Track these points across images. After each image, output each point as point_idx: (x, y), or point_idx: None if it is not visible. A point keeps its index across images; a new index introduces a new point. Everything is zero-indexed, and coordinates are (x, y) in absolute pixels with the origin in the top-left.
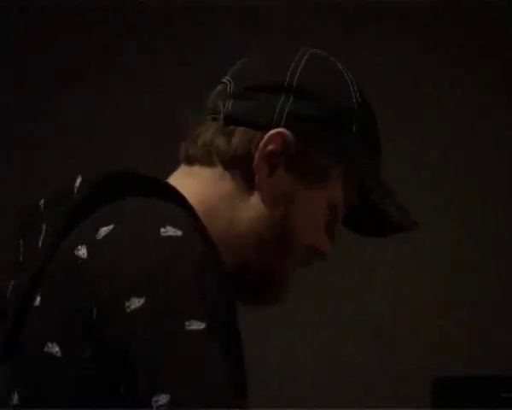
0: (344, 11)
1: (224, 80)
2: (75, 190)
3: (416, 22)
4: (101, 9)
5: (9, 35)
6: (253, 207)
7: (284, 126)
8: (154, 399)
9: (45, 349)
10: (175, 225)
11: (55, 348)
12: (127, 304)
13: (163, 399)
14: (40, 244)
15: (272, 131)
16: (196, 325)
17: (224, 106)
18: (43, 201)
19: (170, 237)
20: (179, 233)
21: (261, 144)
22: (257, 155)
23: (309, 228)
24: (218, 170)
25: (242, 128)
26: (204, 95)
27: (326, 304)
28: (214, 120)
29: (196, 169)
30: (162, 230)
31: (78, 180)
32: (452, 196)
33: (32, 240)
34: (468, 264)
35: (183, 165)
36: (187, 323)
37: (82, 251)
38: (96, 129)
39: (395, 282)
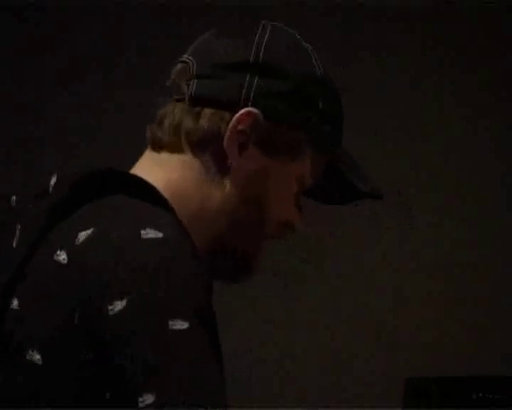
0: (344, 11)
1: (184, 59)
2: (50, 189)
3: (415, 22)
4: (102, 9)
5: (9, 35)
6: (225, 187)
7: (252, 104)
8: (140, 399)
9: (27, 357)
10: (155, 227)
11: (36, 356)
12: (110, 307)
13: (149, 398)
14: (15, 245)
15: (242, 111)
16: (179, 325)
17: (188, 86)
18: (14, 198)
19: (151, 240)
20: (160, 235)
21: (231, 124)
22: (227, 136)
23: (282, 204)
24: (187, 153)
25: (210, 109)
26: None
27: (325, 304)
28: (178, 100)
29: (164, 155)
30: (142, 232)
31: (54, 179)
32: (452, 196)
33: (5, 239)
34: (464, 264)
35: (150, 150)
36: (170, 322)
37: (62, 256)
38: (96, 129)
39: (395, 282)
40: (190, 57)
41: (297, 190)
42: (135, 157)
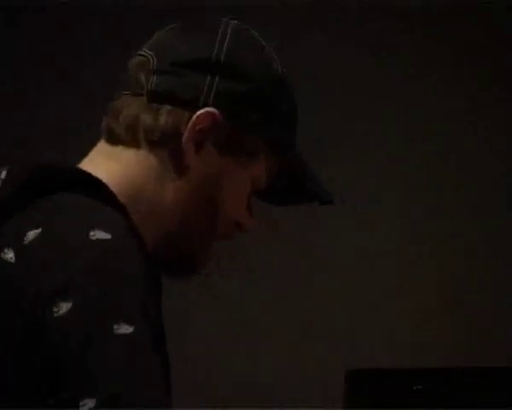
0: (344, 11)
1: (143, 53)
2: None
3: (415, 22)
4: (102, 9)
5: (9, 35)
6: (180, 185)
7: (212, 105)
8: (82, 403)
9: None
10: (103, 228)
11: None
12: (55, 309)
13: (90, 403)
14: None
15: (201, 111)
16: (124, 329)
17: (147, 81)
18: None
19: (98, 241)
20: (108, 236)
21: (190, 124)
22: (186, 135)
23: (234, 204)
24: (143, 150)
25: (169, 106)
26: None
27: (325, 303)
28: (135, 95)
29: (120, 150)
30: (91, 233)
31: (4, 173)
32: (452, 196)
33: None
34: (464, 265)
35: (104, 142)
36: (115, 326)
37: (9, 255)
38: (96, 129)
39: (394, 282)
40: (149, 52)
41: (250, 192)
42: None
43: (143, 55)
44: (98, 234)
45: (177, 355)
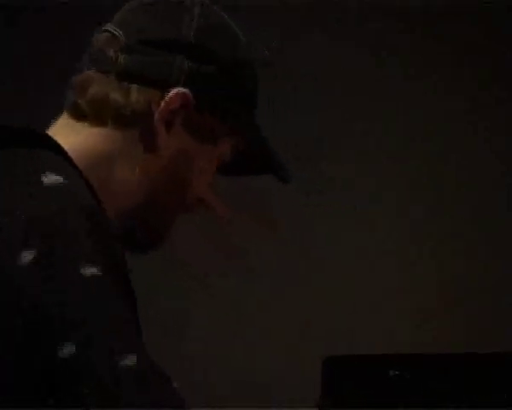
0: (344, 11)
1: (109, 29)
2: None
3: (415, 22)
4: (101, 9)
5: (9, 35)
6: (149, 162)
7: (183, 85)
8: (59, 348)
9: None
10: (55, 171)
11: None
12: (19, 258)
13: (68, 347)
14: None
15: (174, 91)
16: (91, 271)
17: (116, 59)
18: None
19: (52, 185)
20: (61, 179)
21: (163, 104)
22: (157, 114)
23: (200, 182)
24: (110, 126)
25: (138, 85)
26: None
27: (322, 304)
28: (103, 72)
29: (84, 125)
30: (43, 177)
31: None
32: (452, 196)
33: None
34: (463, 265)
35: (67, 117)
36: (81, 269)
37: None
38: None
39: (394, 283)
40: (117, 29)
41: (215, 169)
42: None
43: (110, 32)
44: (50, 177)
45: (174, 354)
